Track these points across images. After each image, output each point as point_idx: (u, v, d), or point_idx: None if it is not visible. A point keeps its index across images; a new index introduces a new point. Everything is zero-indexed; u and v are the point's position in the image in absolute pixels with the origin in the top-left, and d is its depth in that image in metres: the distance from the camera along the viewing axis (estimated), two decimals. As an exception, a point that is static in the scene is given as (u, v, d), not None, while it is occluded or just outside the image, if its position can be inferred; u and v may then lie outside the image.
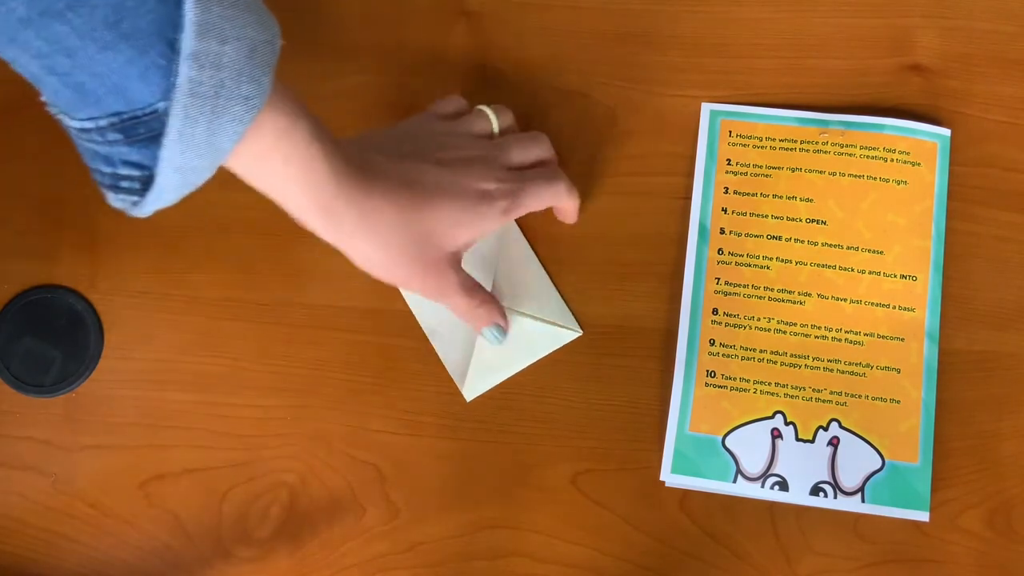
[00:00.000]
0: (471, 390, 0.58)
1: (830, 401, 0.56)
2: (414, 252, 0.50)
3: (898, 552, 0.56)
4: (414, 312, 0.59)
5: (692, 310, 0.58)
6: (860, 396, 0.56)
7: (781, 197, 0.59)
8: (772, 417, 0.57)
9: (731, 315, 0.58)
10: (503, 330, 0.56)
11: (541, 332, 0.58)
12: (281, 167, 0.44)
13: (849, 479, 0.56)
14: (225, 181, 0.43)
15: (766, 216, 0.59)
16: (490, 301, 0.56)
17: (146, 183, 0.41)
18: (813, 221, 0.59)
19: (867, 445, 0.56)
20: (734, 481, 0.56)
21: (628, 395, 0.58)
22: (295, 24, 0.62)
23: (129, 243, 0.61)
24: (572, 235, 0.60)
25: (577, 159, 0.61)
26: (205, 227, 0.61)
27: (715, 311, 0.58)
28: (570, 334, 0.58)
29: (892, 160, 0.59)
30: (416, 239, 0.50)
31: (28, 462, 0.59)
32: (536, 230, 0.60)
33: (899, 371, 0.57)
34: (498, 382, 0.58)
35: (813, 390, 0.57)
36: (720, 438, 0.57)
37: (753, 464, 0.56)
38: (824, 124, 0.60)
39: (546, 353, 0.58)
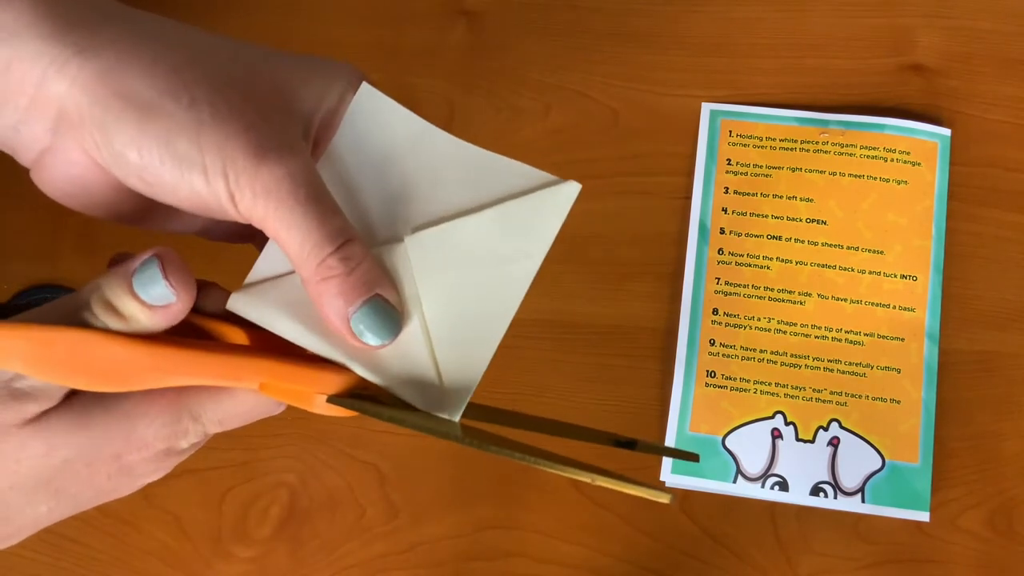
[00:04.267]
0: (459, 390, 0.35)
1: (830, 401, 0.56)
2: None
3: (898, 552, 0.55)
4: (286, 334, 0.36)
5: (692, 310, 0.58)
6: (860, 396, 0.56)
7: (781, 197, 0.59)
8: (772, 417, 0.57)
9: (731, 315, 0.58)
10: (392, 312, 0.33)
11: (528, 211, 0.36)
12: None
13: (849, 479, 0.56)
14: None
15: (766, 216, 0.59)
16: (362, 244, 0.32)
17: None
18: (813, 221, 0.59)
19: (867, 445, 0.56)
20: (734, 481, 0.56)
21: (628, 395, 0.58)
22: (294, 23, 0.62)
23: (129, 243, 0.61)
24: (572, 235, 0.60)
25: (577, 159, 0.61)
26: (205, 227, 0.61)
27: (715, 311, 0.58)
28: (568, 187, 0.38)
29: (892, 160, 0.59)
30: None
31: (28, 462, 0.59)
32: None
33: (899, 371, 0.56)
34: (502, 333, 0.35)
35: (813, 390, 0.57)
36: (720, 438, 0.56)
37: (753, 464, 0.56)
38: (824, 124, 0.60)
39: (555, 232, 0.37)
